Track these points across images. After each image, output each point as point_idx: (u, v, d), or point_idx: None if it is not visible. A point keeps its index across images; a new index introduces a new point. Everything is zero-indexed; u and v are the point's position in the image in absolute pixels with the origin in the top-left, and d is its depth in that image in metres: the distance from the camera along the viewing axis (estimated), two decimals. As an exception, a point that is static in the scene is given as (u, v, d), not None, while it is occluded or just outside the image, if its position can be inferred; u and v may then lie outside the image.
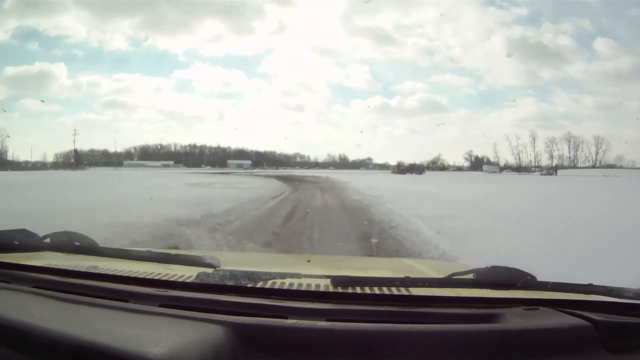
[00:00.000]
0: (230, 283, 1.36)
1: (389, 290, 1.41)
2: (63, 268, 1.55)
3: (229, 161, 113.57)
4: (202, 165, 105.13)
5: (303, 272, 1.52)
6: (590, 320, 1.18)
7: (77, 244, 1.77)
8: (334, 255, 6.32)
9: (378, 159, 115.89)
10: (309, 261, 2.42)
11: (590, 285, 1.38)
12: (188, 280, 1.43)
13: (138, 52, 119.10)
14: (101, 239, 1.93)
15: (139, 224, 9.11)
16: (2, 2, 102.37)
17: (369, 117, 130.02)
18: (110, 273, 1.51)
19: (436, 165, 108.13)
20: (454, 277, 1.42)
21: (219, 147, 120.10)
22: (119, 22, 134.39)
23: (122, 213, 10.69)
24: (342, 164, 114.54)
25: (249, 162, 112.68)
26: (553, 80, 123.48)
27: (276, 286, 1.40)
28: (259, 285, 1.38)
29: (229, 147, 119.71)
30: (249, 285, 1.37)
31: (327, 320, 1.19)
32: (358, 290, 1.38)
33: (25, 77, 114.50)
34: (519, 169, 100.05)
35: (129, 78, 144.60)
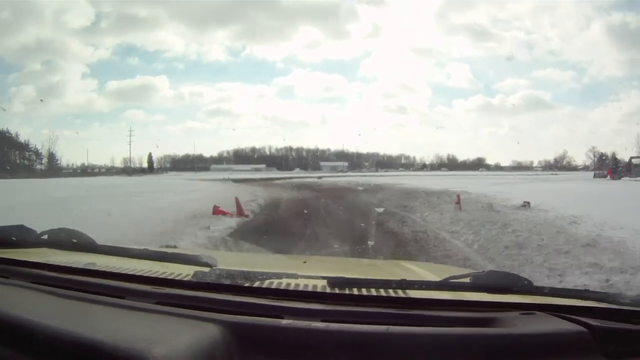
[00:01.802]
0: (227, 282, 1.37)
1: (386, 292, 1.40)
2: (61, 264, 1.56)
3: (322, 163, 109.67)
4: (296, 169, 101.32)
5: (300, 272, 1.51)
6: (587, 326, 1.17)
7: (75, 241, 1.79)
8: (331, 257, 6.31)
9: (489, 160, 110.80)
10: (305, 262, 2.36)
11: (587, 290, 1.40)
12: (185, 279, 1.43)
13: (237, 62, 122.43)
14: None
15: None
16: (99, 22, 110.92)
17: (471, 117, 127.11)
18: (107, 270, 1.52)
19: (561, 165, 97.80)
20: (450, 281, 1.42)
21: (317, 149, 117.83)
22: (214, 33, 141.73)
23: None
24: (451, 164, 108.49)
25: (345, 164, 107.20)
26: None
27: (272, 286, 1.40)
28: (256, 284, 1.38)
29: (328, 150, 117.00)
30: (246, 285, 1.37)
31: (323, 321, 1.19)
32: (354, 291, 1.38)
33: (129, 90, 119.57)
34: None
35: (231, 87, 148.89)
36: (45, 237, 1.81)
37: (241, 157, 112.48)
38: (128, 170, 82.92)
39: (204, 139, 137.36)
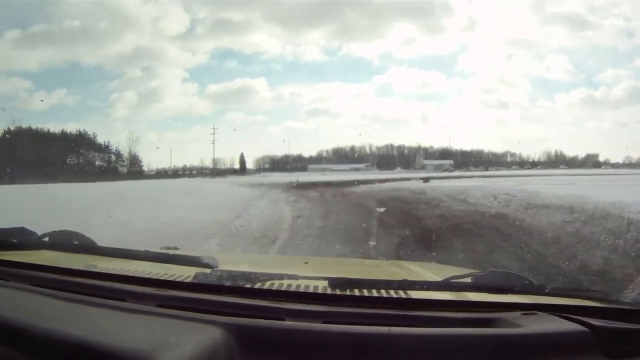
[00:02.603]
0: (228, 284, 1.37)
1: (387, 292, 1.41)
2: (61, 267, 1.56)
3: (425, 162, 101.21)
4: (397, 167, 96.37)
5: (300, 273, 1.51)
6: (589, 326, 1.18)
7: (76, 242, 1.79)
8: (331, 257, 6.22)
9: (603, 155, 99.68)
10: (306, 263, 2.38)
11: (589, 290, 1.42)
12: (186, 281, 1.43)
13: (334, 61, 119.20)
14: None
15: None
16: (194, 28, 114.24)
17: (574, 111, 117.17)
18: (108, 272, 1.52)
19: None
20: (451, 281, 1.43)
21: (419, 147, 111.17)
22: (310, 33, 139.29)
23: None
24: (560, 162, 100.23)
25: (450, 161, 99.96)
26: None
27: (273, 287, 1.41)
28: (256, 286, 1.39)
29: (431, 147, 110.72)
30: (246, 286, 1.37)
31: (324, 322, 1.19)
32: (355, 292, 1.38)
33: (228, 92, 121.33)
34: None
35: (328, 86, 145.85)
36: (46, 239, 1.81)
37: (340, 156, 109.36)
38: (212, 171, 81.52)
39: (304, 139, 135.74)
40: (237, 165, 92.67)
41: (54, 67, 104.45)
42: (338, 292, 1.37)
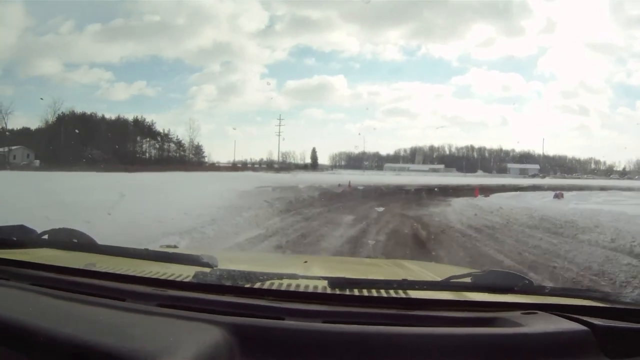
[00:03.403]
0: (228, 283, 1.37)
1: (386, 292, 1.41)
2: (61, 265, 1.55)
3: (509, 165, 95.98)
4: (478, 171, 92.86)
5: (300, 273, 1.51)
6: (589, 325, 1.18)
7: (75, 241, 1.79)
8: (331, 257, 6.23)
9: None
10: (306, 262, 2.36)
11: (588, 290, 1.48)
12: (185, 280, 1.43)
13: (413, 61, 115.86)
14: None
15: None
16: (273, 25, 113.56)
17: None
18: (108, 271, 1.51)
19: None
20: (451, 281, 1.43)
21: (500, 150, 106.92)
22: (388, 33, 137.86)
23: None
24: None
25: (537, 166, 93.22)
26: None
27: (273, 287, 1.40)
28: (256, 285, 1.38)
29: (513, 150, 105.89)
30: (246, 286, 1.37)
31: (324, 321, 1.19)
32: (355, 292, 1.38)
33: (306, 89, 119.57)
34: None
35: (407, 86, 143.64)
36: (46, 237, 1.81)
37: (419, 157, 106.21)
38: (272, 165, 79.56)
39: (382, 138, 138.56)
40: (308, 160, 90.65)
41: (134, 60, 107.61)
42: (337, 291, 1.37)
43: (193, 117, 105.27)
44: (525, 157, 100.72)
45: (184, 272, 1.48)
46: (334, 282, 1.39)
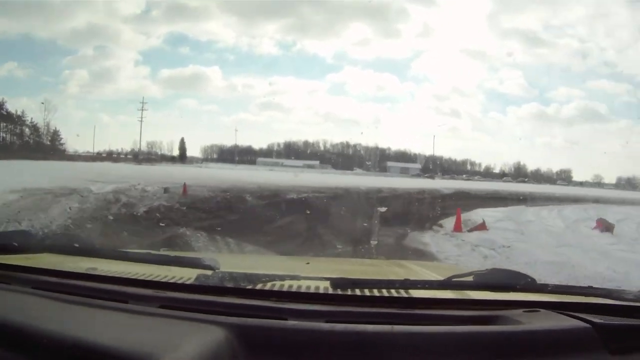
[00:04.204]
0: (230, 285, 1.37)
1: (389, 292, 1.41)
2: (62, 270, 1.56)
3: (389, 164, 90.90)
4: (354, 168, 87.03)
5: (302, 274, 1.51)
6: (590, 323, 1.18)
7: (77, 245, 1.82)
8: (333, 258, 6.34)
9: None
10: (308, 263, 2.38)
11: (590, 287, 1.40)
12: (187, 282, 1.43)
13: (288, 56, 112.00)
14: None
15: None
16: (150, 10, 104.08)
17: (525, 126, 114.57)
18: (109, 275, 1.52)
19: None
20: (453, 280, 1.44)
21: (377, 148, 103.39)
22: (265, 26, 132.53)
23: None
24: (518, 174, 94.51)
25: (418, 166, 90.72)
26: None
27: (275, 288, 1.41)
28: (258, 287, 1.39)
29: (389, 149, 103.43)
30: (248, 287, 1.37)
31: (327, 321, 1.19)
32: (357, 292, 1.38)
33: (181, 79, 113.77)
34: None
35: (282, 81, 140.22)
36: (47, 242, 1.86)
37: (293, 151, 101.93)
38: (136, 156, 72.00)
39: (256, 132, 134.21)
40: (177, 152, 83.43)
41: (4, 38, 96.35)
42: (340, 291, 1.36)
43: (66, 102, 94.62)
44: (402, 156, 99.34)
45: (186, 275, 1.47)
46: (336, 282, 1.38)
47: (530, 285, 1.40)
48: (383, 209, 11.05)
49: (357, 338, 1.11)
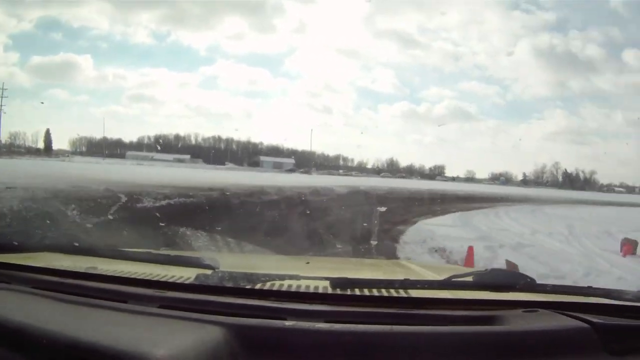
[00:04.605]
0: (229, 284, 1.36)
1: (388, 292, 1.41)
2: (62, 269, 1.55)
3: (262, 159, 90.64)
4: (226, 163, 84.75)
5: (302, 274, 1.50)
6: (589, 323, 1.18)
7: (76, 244, 1.83)
8: (333, 257, 6.28)
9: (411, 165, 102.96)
10: (308, 263, 2.36)
11: (589, 287, 1.40)
12: (187, 282, 1.43)
13: (162, 47, 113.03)
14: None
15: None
16: None
17: (397, 123, 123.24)
18: (109, 274, 1.51)
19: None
20: (453, 280, 1.44)
21: (249, 142, 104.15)
22: (140, 15, 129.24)
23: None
24: (391, 170, 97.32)
25: (292, 161, 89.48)
26: (582, 93, 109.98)
27: (275, 288, 1.40)
28: (258, 286, 1.38)
29: (261, 143, 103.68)
30: (248, 287, 1.37)
31: (326, 321, 1.19)
32: (357, 292, 1.38)
33: (51, 66, 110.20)
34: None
35: (155, 72, 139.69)
36: (47, 241, 1.86)
37: (164, 145, 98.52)
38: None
39: (126, 125, 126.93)
40: (41, 145, 76.24)
41: None
42: (339, 291, 1.36)
43: None
44: (275, 151, 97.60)
45: (186, 274, 1.47)
46: (336, 282, 1.38)
47: (529, 285, 1.40)
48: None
49: (356, 338, 1.11)
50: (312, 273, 1.58)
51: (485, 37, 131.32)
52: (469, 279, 1.43)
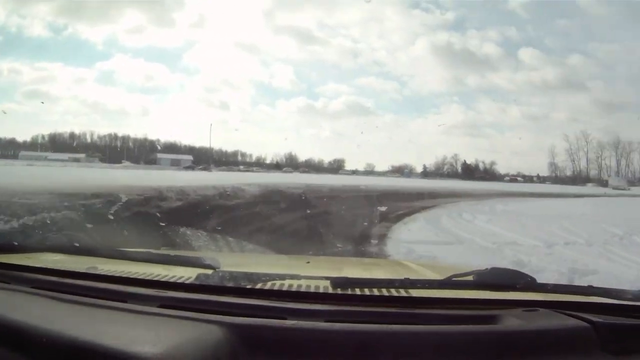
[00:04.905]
0: (230, 284, 1.37)
1: (388, 291, 1.41)
2: (62, 269, 1.55)
3: (159, 156, 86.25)
4: (123, 161, 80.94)
5: (302, 273, 1.50)
6: (590, 322, 1.18)
7: (77, 244, 1.92)
8: (333, 257, 6.21)
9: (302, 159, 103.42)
10: (308, 262, 2.37)
11: (590, 286, 1.40)
12: (187, 282, 1.43)
13: (59, 40, 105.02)
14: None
15: None
16: None
17: (294, 118, 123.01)
18: (109, 274, 1.52)
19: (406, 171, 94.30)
20: (453, 279, 1.43)
21: (145, 140, 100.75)
22: (37, 6, 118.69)
23: None
24: (291, 164, 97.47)
25: (190, 157, 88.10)
26: (479, 88, 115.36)
27: (275, 287, 1.41)
28: (259, 286, 1.39)
29: (158, 140, 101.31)
30: (249, 287, 1.37)
31: (327, 321, 1.19)
32: (357, 291, 1.38)
33: None
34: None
35: (50, 67, 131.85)
36: (47, 241, 1.88)
37: (59, 144, 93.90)
38: None
39: (20, 123, 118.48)
40: None
41: None
42: (340, 291, 1.36)
43: None
44: (173, 148, 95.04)
45: (186, 274, 1.47)
46: (336, 281, 1.38)
47: (530, 284, 1.39)
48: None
49: (356, 337, 1.11)
50: (313, 273, 1.59)
51: (385, 34, 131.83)
52: (470, 278, 1.43)
